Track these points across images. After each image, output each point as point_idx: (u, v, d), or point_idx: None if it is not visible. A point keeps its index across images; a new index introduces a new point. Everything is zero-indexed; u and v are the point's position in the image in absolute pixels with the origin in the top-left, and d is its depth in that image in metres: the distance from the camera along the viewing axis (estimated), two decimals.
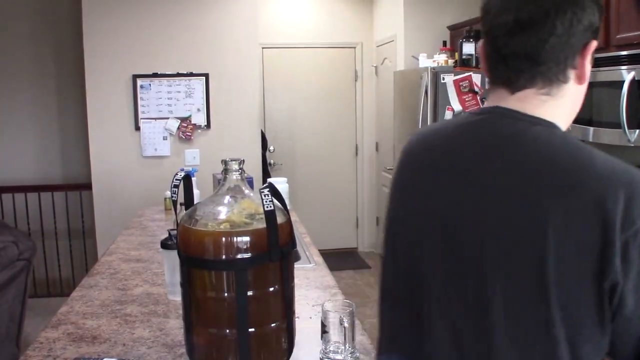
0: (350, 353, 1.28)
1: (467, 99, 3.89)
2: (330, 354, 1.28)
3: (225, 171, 1.27)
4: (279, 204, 1.24)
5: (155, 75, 4.13)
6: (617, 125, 2.51)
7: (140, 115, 4.14)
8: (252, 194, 1.28)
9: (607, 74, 2.63)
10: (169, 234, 1.68)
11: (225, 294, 1.17)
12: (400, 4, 4.77)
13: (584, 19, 0.85)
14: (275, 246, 1.17)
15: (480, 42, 0.96)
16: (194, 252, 1.18)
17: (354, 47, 5.66)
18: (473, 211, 0.86)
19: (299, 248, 1.40)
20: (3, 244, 2.97)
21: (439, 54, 4.22)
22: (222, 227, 1.19)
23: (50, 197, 4.58)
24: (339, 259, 5.49)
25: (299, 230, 2.68)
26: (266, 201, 1.16)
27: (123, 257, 2.27)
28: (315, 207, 5.68)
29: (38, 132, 4.69)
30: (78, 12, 4.11)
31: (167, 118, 4.16)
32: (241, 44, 4.20)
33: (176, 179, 1.28)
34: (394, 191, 1.00)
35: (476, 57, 3.98)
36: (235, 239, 1.16)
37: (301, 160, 5.72)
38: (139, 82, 4.11)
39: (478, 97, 3.89)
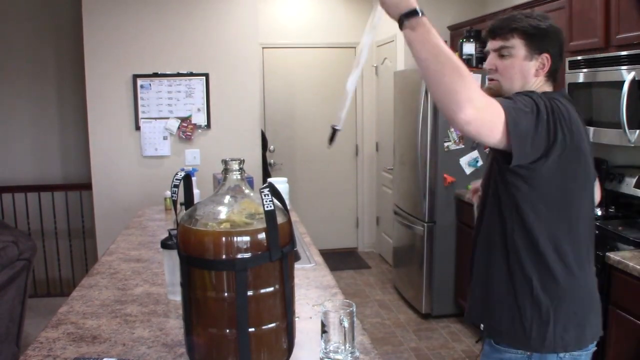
0: (350, 353, 1.28)
1: None
2: (330, 354, 1.28)
3: (226, 171, 1.27)
4: (279, 204, 1.24)
5: (155, 75, 4.13)
6: (617, 125, 2.51)
7: (141, 115, 4.14)
8: (252, 194, 1.28)
9: (607, 74, 2.63)
10: (169, 233, 1.68)
11: (225, 294, 1.17)
12: None
13: None
14: (275, 246, 1.17)
15: (552, 58, 1.52)
16: (194, 252, 1.18)
17: (354, 47, 5.66)
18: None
19: (299, 248, 1.40)
20: (3, 244, 2.97)
21: None
22: (222, 227, 1.19)
23: (50, 197, 4.58)
24: (339, 259, 5.49)
25: (299, 230, 2.68)
26: (266, 201, 1.16)
27: (123, 257, 2.27)
28: (315, 207, 5.68)
29: (38, 132, 4.69)
30: (78, 12, 4.11)
31: (168, 118, 4.16)
32: (241, 44, 4.20)
33: (176, 179, 1.28)
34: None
35: (476, 57, 3.97)
36: (235, 238, 1.16)
37: (301, 160, 5.72)
38: (139, 81, 4.11)
39: None
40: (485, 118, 1.28)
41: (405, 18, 1.28)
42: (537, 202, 1.45)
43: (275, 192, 1.20)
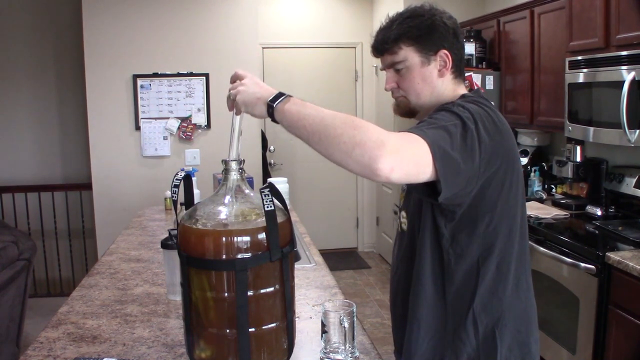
0: (350, 353, 1.28)
1: None
2: (330, 354, 1.28)
3: (226, 171, 1.27)
4: (279, 204, 1.24)
5: (155, 75, 4.13)
6: (617, 125, 2.51)
7: (141, 115, 4.14)
8: (252, 194, 1.28)
9: (607, 74, 2.63)
10: (169, 233, 1.68)
11: (225, 294, 1.17)
12: (400, 3, 4.77)
13: None
14: (275, 246, 1.17)
15: (450, 51, 1.35)
16: (194, 252, 1.18)
17: (354, 47, 5.66)
18: None
19: (299, 248, 1.40)
20: (3, 244, 2.97)
21: None
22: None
23: (50, 197, 4.58)
24: (339, 259, 5.49)
25: (299, 230, 2.68)
26: (266, 201, 1.16)
27: (123, 257, 2.27)
28: (315, 207, 5.68)
29: (38, 132, 4.70)
30: (78, 12, 4.11)
31: (168, 118, 4.16)
32: (241, 44, 4.20)
33: (176, 179, 1.28)
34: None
35: (476, 57, 3.98)
36: (235, 238, 1.16)
37: (301, 160, 5.72)
38: (139, 81, 4.11)
39: None
40: (406, 156, 1.08)
41: (273, 103, 1.22)
42: (479, 220, 1.29)
43: (275, 192, 1.20)
